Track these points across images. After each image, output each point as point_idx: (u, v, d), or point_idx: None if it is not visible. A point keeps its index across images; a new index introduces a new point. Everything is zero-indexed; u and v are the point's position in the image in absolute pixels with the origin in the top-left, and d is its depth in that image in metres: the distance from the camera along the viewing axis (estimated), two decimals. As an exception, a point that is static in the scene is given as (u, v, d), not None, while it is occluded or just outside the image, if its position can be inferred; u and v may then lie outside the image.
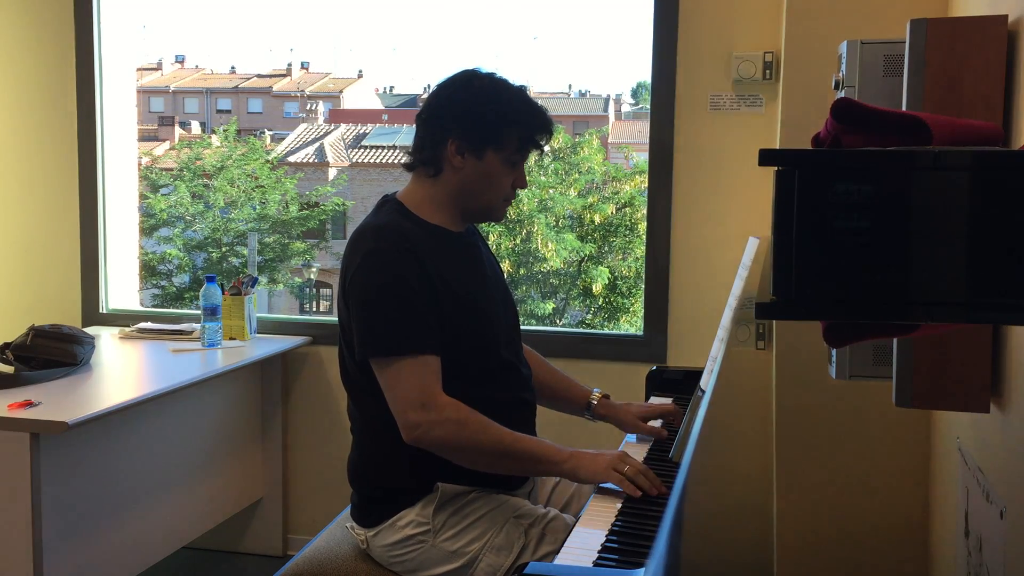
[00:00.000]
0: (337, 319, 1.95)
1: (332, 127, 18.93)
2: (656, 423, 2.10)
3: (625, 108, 23.61)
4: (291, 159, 16.66)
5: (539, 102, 1.95)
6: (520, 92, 1.92)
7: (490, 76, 1.93)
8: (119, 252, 3.67)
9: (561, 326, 10.81)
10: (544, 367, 2.19)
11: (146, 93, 26.49)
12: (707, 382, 1.81)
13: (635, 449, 2.00)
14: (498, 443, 1.79)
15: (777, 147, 2.76)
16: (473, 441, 1.78)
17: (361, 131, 18.60)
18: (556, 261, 10.68)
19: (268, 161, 13.51)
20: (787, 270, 1.29)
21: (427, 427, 1.77)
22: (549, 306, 10.90)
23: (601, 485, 1.74)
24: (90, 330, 3.20)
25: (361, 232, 1.89)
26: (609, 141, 16.21)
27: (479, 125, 1.87)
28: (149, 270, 12.09)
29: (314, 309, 15.62)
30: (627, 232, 10.83)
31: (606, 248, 10.98)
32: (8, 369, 2.64)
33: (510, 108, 1.88)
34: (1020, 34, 1.78)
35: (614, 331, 8.90)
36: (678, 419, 2.10)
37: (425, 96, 2.01)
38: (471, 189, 1.91)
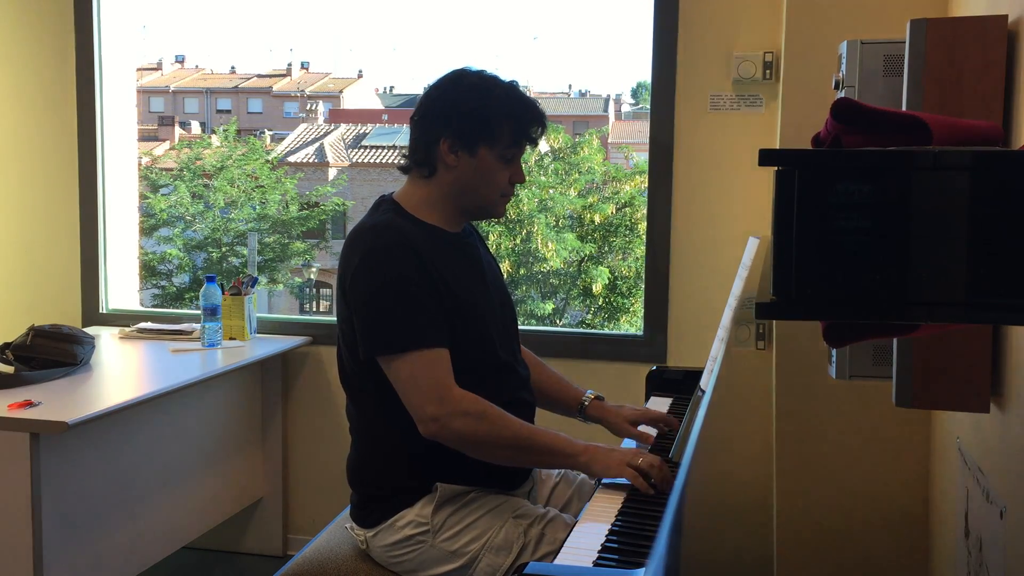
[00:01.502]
0: (336, 319, 1.95)
1: (332, 127, 18.92)
2: (649, 429, 2.07)
3: (625, 108, 23.62)
4: (291, 159, 16.65)
5: (532, 97, 1.95)
6: (510, 87, 1.92)
7: (479, 73, 1.93)
8: (119, 252, 3.67)
9: (561, 326, 10.80)
10: (539, 368, 2.17)
11: (146, 93, 26.48)
12: (707, 382, 1.81)
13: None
14: (516, 436, 1.79)
15: (777, 147, 2.76)
16: (492, 434, 1.78)
17: (361, 131, 18.59)
18: (556, 261, 10.67)
19: (268, 161, 13.49)
20: (787, 270, 1.29)
21: (446, 420, 1.76)
22: (549, 306, 10.90)
23: (607, 481, 1.74)
24: (90, 330, 3.20)
25: (358, 232, 1.89)
26: (609, 141, 16.20)
27: (470, 122, 1.86)
28: (149, 270, 12.09)
29: (314, 309, 15.61)
30: (627, 232, 10.82)
31: (606, 248, 10.97)
32: (8, 369, 2.64)
33: (500, 102, 1.88)
34: (1020, 34, 1.78)
35: (614, 331, 8.90)
36: (672, 426, 2.08)
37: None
38: (467, 187, 1.91)
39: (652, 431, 2.06)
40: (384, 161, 17.02)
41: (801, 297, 1.30)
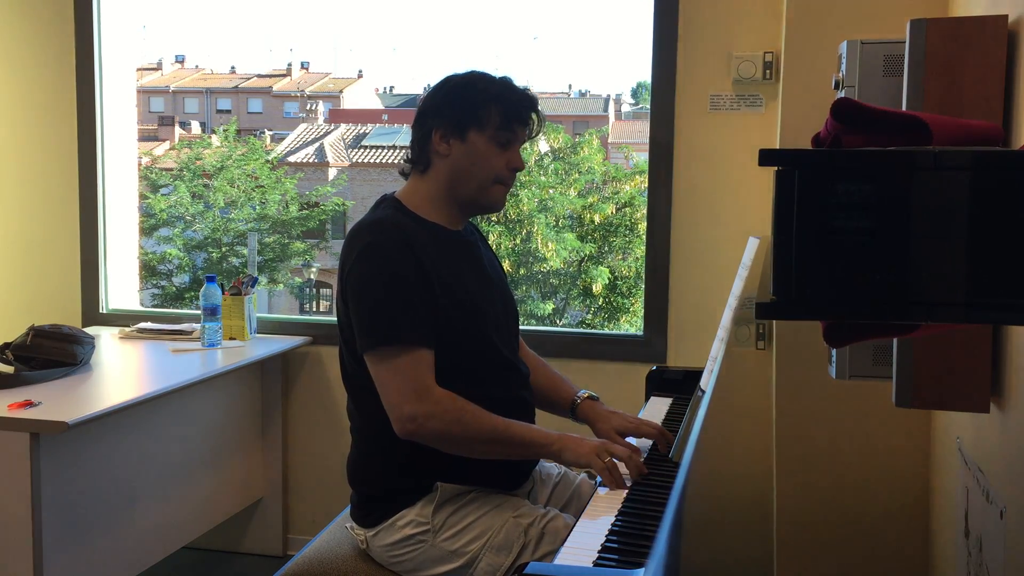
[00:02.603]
0: (336, 318, 1.95)
1: (332, 127, 18.91)
2: (644, 442, 1.94)
3: (625, 108, 23.60)
4: (291, 159, 16.65)
5: (524, 87, 1.96)
6: (499, 79, 1.94)
7: (470, 71, 1.96)
8: (119, 252, 3.67)
9: (561, 326, 10.80)
10: (539, 367, 2.16)
11: (146, 93, 26.47)
12: (707, 382, 1.81)
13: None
14: (491, 431, 1.80)
15: (777, 147, 2.76)
16: (469, 431, 1.79)
17: (361, 131, 18.59)
18: (556, 261, 10.67)
19: (268, 161, 13.49)
20: (787, 270, 1.29)
21: (423, 420, 1.77)
22: (549, 306, 10.89)
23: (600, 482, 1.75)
24: (90, 330, 3.20)
25: (358, 228, 1.90)
26: (609, 141, 16.19)
27: (456, 108, 1.89)
28: (149, 270, 12.08)
29: (314, 309, 15.61)
30: (627, 232, 10.81)
31: (606, 248, 10.96)
32: (8, 369, 2.64)
33: (484, 87, 1.90)
34: (1020, 34, 1.78)
35: (614, 331, 8.90)
36: (662, 444, 1.92)
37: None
38: (461, 174, 1.91)
39: (645, 441, 1.95)
40: (384, 161, 17.02)
41: (801, 297, 1.30)
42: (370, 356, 1.82)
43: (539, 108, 1.95)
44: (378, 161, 17.19)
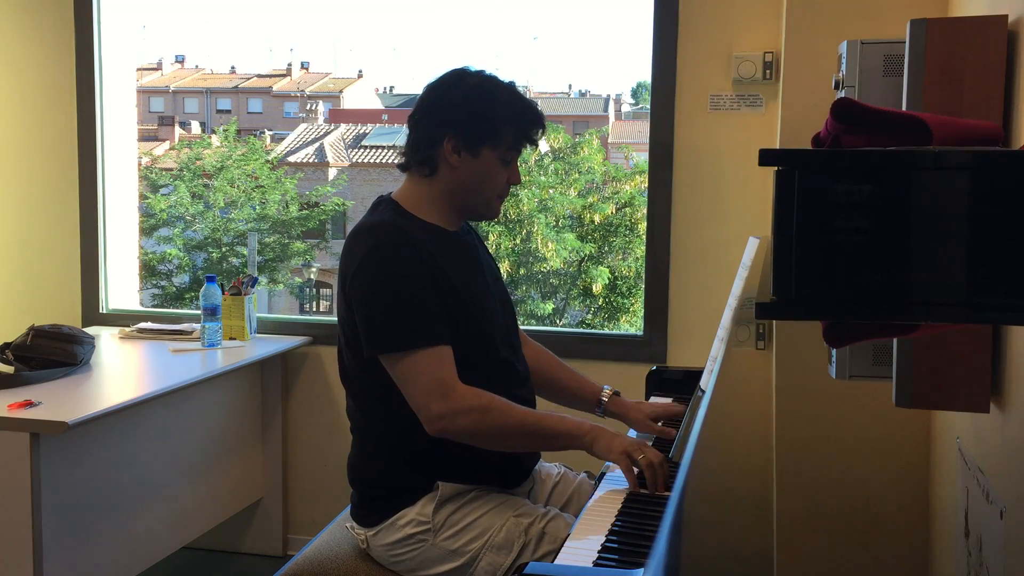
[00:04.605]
0: (337, 319, 1.95)
1: (332, 127, 18.91)
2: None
3: (625, 108, 23.61)
4: (291, 159, 16.64)
5: (530, 98, 1.97)
6: (511, 88, 1.94)
7: (479, 74, 1.94)
8: (119, 252, 3.67)
9: (561, 326, 10.80)
10: (555, 364, 2.20)
11: (146, 93, 26.47)
12: (707, 382, 1.81)
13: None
14: (521, 424, 1.81)
15: (777, 147, 2.76)
16: (497, 425, 1.80)
17: (361, 131, 18.58)
18: (556, 261, 10.67)
19: (268, 161, 13.49)
20: (787, 270, 1.29)
21: (451, 417, 1.77)
22: (549, 306, 10.90)
23: (608, 479, 1.75)
24: (90, 330, 3.20)
25: (358, 231, 1.89)
26: (609, 141, 16.19)
27: (475, 123, 1.88)
28: (149, 270, 12.09)
29: (314, 309, 15.61)
30: (627, 232, 10.82)
31: (606, 248, 10.97)
32: (8, 369, 2.64)
33: (504, 105, 1.89)
34: (1020, 34, 1.78)
35: (614, 331, 8.89)
36: None
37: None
38: (467, 187, 1.92)
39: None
40: (384, 161, 17.01)
41: (801, 297, 1.30)
42: (389, 360, 1.82)
43: (545, 123, 1.97)
44: (378, 161, 17.19)
